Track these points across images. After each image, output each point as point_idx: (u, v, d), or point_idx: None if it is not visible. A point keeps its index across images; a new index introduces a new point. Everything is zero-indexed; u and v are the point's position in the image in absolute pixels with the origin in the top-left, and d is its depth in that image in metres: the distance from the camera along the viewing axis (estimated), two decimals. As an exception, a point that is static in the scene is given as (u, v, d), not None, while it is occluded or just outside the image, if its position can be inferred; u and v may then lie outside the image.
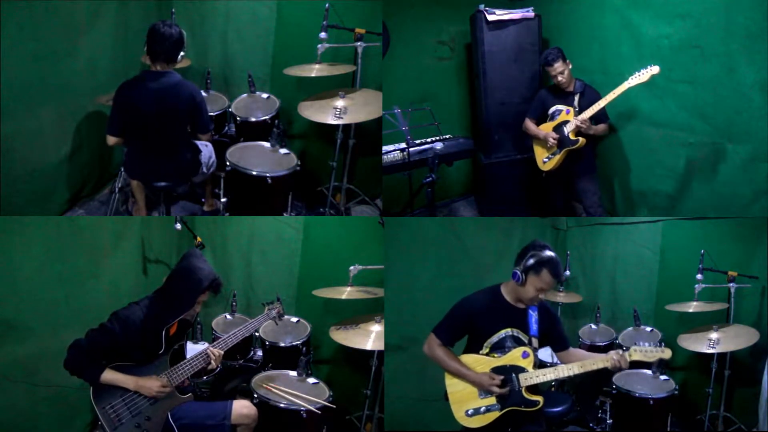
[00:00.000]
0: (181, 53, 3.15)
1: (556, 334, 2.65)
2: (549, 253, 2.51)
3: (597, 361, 2.50)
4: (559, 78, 3.63)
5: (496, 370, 2.52)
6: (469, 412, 2.54)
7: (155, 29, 3.06)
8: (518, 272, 2.53)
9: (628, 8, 3.69)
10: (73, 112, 3.72)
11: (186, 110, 3.16)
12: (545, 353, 3.07)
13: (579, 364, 2.51)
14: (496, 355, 2.55)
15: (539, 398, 2.51)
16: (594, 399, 3.59)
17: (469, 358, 2.58)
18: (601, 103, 3.49)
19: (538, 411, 2.53)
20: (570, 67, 3.63)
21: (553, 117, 3.72)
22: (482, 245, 3.78)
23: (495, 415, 2.52)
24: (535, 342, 2.56)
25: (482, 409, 2.53)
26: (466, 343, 2.67)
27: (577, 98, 3.63)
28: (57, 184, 3.71)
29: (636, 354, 2.46)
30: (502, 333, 2.56)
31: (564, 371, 2.50)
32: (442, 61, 4.46)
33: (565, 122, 3.63)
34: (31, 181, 3.51)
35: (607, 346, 3.87)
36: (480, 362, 2.55)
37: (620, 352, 2.48)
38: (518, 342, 2.56)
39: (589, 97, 3.61)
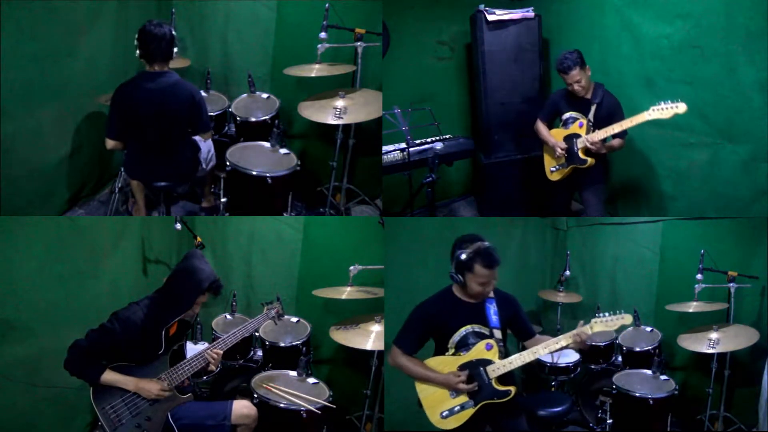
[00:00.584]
0: (175, 50, 3.14)
1: (520, 324, 2.63)
2: (477, 244, 2.48)
3: (560, 340, 2.49)
4: (576, 87, 3.36)
5: (463, 367, 2.52)
6: (444, 414, 2.53)
7: (147, 31, 3.05)
8: (455, 275, 2.53)
9: (628, 8, 3.69)
10: (73, 112, 3.72)
11: (185, 110, 3.16)
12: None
13: (542, 345, 2.50)
14: (461, 354, 2.54)
15: (511, 388, 2.50)
16: (594, 399, 3.59)
17: (434, 361, 2.58)
18: (615, 128, 3.26)
19: (515, 404, 2.53)
20: (589, 73, 3.36)
21: (566, 124, 3.53)
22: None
23: (470, 412, 2.51)
24: (497, 333, 2.54)
25: (456, 409, 2.52)
26: (434, 348, 2.66)
27: (593, 109, 3.37)
28: (57, 184, 3.71)
29: (597, 325, 2.45)
30: (463, 330, 2.55)
31: (529, 356, 2.48)
32: (442, 61, 4.46)
33: (577, 136, 3.44)
34: (31, 181, 3.51)
35: (606, 346, 3.87)
36: (446, 363, 2.55)
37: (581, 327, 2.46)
38: (480, 336, 2.54)
39: (607, 107, 3.36)
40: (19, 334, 2.83)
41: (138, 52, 3.10)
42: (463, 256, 2.48)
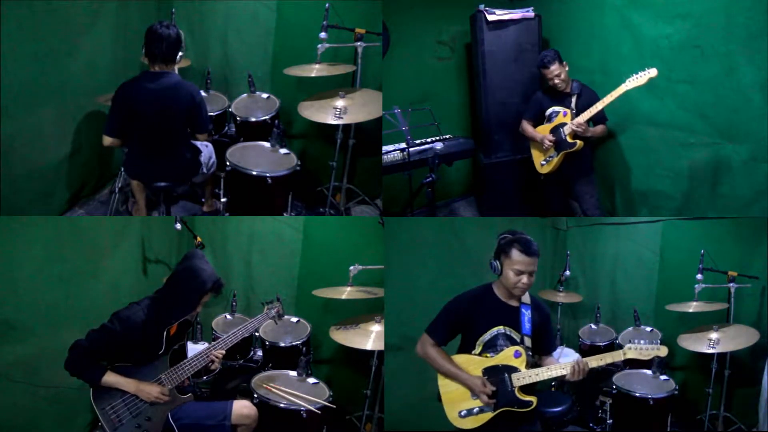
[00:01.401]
0: (180, 53, 3.14)
1: (545, 336, 2.60)
2: (516, 234, 2.50)
3: (566, 366, 2.46)
4: (556, 81, 3.60)
5: (488, 370, 2.49)
6: (462, 413, 2.51)
7: (153, 30, 3.05)
8: (493, 262, 2.53)
9: (628, 8, 3.69)
10: (73, 112, 3.71)
11: (185, 110, 3.16)
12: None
13: (558, 366, 2.47)
14: (488, 355, 2.51)
15: (533, 398, 2.47)
16: (594, 399, 3.59)
17: (461, 358, 2.55)
18: (598, 106, 3.46)
19: (532, 411, 2.50)
20: (567, 69, 3.60)
21: (550, 119, 3.69)
22: (482, 245, 3.76)
23: (488, 416, 2.48)
24: (527, 341, 2.51)
25: (475, 410, 2.50)
26: (459, 342, 2.64)
27: (574, 100, 3.60)
28: (57, 184, 3.71)
29: (631, 352, 2.41)
30: (494, 331, 2.52)
31: (557, 370, 2.46)
32: (442, 61, 4.46)
33: (563, 125, 3.60)
34: (31, 181, 3.51)
35: (607, 346, 3.87)
36: (472, 362, 2.52)
37: (584, 360, 2.43)
38: (510, 341, 2.51)
39: (587, 97, 3.58)
40: (19, 334, 2.83)
41: (143, 50, 3.10)
42: (503, 241, 2.50)
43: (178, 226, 3.47)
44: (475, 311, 2.55)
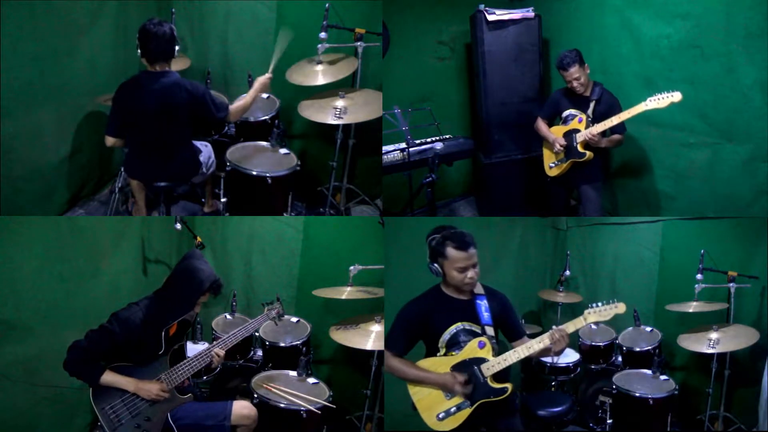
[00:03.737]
0: (177, 47, 3.13)
1: (509, 322, 2.57)
2: (444, 231, 2.47)
3: (543, 338, 2.44)
4: (575, 84, 3.47)
5: (457, 367, 2.46)
6: (440, 416, 2.48)
7: (148, 30, 3.02)
8: (431, 266, 2.51)
9: (628, 8, 3.69)
10: (73, 112, 3.72)
11: (186, 109, 3.13)
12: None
13: (536, 340, 2.45)
14: (453, 353, 2.49)
15: (507, 385, 2.45)
16: (594, 399, 3.59)
17: (427, 362, 2.52)
18: (614, 120, 3.36)
19: (510, 404, 2.49)
20: (588, 71, 3.47)
21: (566, 121, 3.61)
22: (482, 245, 3.74)
23: (467, 412, 2.46)
24: (489, 330, 2.48)
25: (452, 410, 2.47)
26: (425, 351, 2.61)
27: (592, 105, 3.48)
28: (57, 184, 3.71)
29: (591, 316, 2.42)
30: (453, 328, 2.50)
31: (523, 351, 2.44)
32: (442, 61, 4.47)
33: (576, 131, 3.52)
34: (31, 181, 3.51)
35: (606, 346, 3.87)
36: (439, 364, 2.50)
37: (559, 327, 2.43)
38: (472, 334, 2.49)
39: (606, 104, 3.47)
40: (19, 334, 2.83)
41: (139, 51, 3.09)
42: (434, 242, 2.48)
43: (178, 226, 3.46)
44: (429, 314, 2.53)
